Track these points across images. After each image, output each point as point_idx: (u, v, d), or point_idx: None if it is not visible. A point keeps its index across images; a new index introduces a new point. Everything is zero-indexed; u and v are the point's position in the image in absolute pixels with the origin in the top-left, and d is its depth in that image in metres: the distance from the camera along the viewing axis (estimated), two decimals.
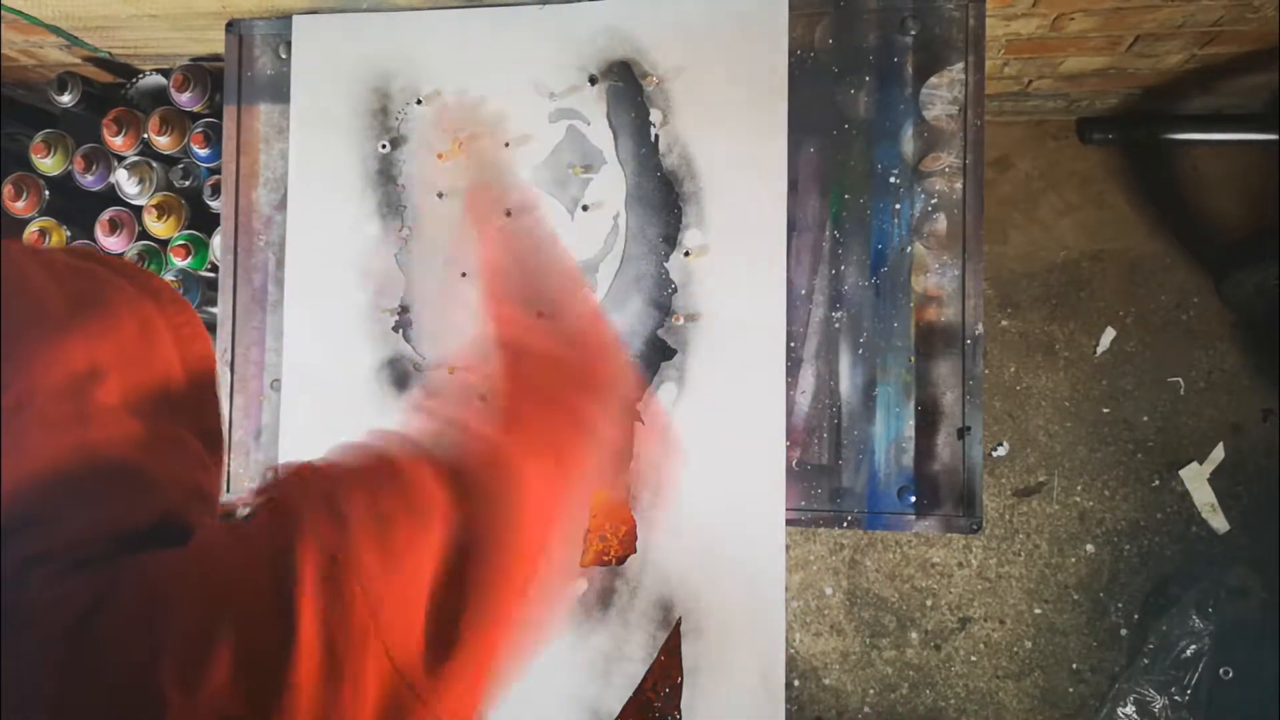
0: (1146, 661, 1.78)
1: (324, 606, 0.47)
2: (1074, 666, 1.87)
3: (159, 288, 0.54)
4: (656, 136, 1.13)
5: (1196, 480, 1.86)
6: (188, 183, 1.39)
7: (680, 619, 1.09)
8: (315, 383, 1.20)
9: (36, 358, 0.45)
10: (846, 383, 1.10)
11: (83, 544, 0.46)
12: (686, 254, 1.12)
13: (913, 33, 1.09)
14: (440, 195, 1.17)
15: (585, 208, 1.14)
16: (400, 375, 1.18)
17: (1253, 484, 1.84)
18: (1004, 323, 1.93)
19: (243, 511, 0.82)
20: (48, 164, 1.41)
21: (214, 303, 1.28)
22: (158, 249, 1.38)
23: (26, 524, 0.44)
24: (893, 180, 1.10)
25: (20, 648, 0.44)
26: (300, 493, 0.53)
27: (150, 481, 0.49)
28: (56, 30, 1.37)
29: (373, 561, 0.49)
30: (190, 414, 0.53)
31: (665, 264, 1.13)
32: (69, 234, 1.41)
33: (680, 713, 1.08)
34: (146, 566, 0.47)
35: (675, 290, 1.12)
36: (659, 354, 1.12)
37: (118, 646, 0.44)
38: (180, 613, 0.45)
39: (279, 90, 1.23)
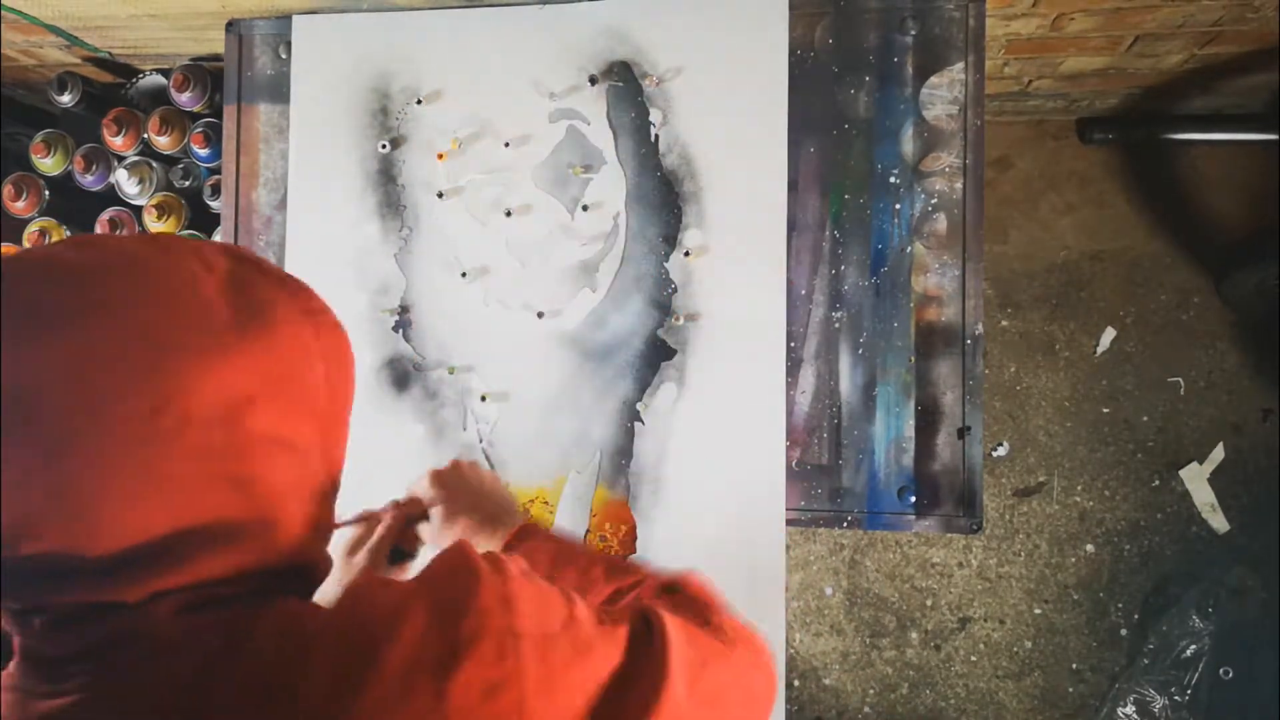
0: (1146, 661, 1.78)
1: (478, 699, 0.44)
2: (1074, 666, 1.87)
3: (318, 308, 0.51)
4: (656, 136, 1.13)
5: (1196, 480, 1.86)
6: (188, 183, 1.39)
7: None
8: None
9: (198, 378, 0.42)
10: (846, 383, 1.10)
11: (216, 582, 0.44)
12: (686, 254, 1.12)
13: (913, 33, 1.09)
14: (440, 195, 1.17)
15: (585, 208, 1.14)
16: (400, 375, 1.18)
17: (1253, 484, 1.84)
18: (1004, 323, 1.93)
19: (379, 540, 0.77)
20: (48, 164, 1.41)
21: None
22: None
23: (160, 555, 0.42)
24: (893, 180, 1.10)
25: (144, 681, 0.42)
26: (469, 570, 0.49)
27: (289, 523, 0.47)
28: (56, 30, 1.37)
29: (535, 676, 0.45)
30: (325, 441, 0.50)
31: (665, 264, 1.13)
32: (69, 234, 1.41)
33: None
34: (284, 615, 0.45)
35: (675, 290, 1.12)
36: (659, 354, 1.12)
37: (247, 701, 0.41)
38: (315, 672, 0.42)
39: (279, 90, 1.23)
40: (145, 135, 1.38)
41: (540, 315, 1.15)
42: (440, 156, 1.17)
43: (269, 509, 0.45)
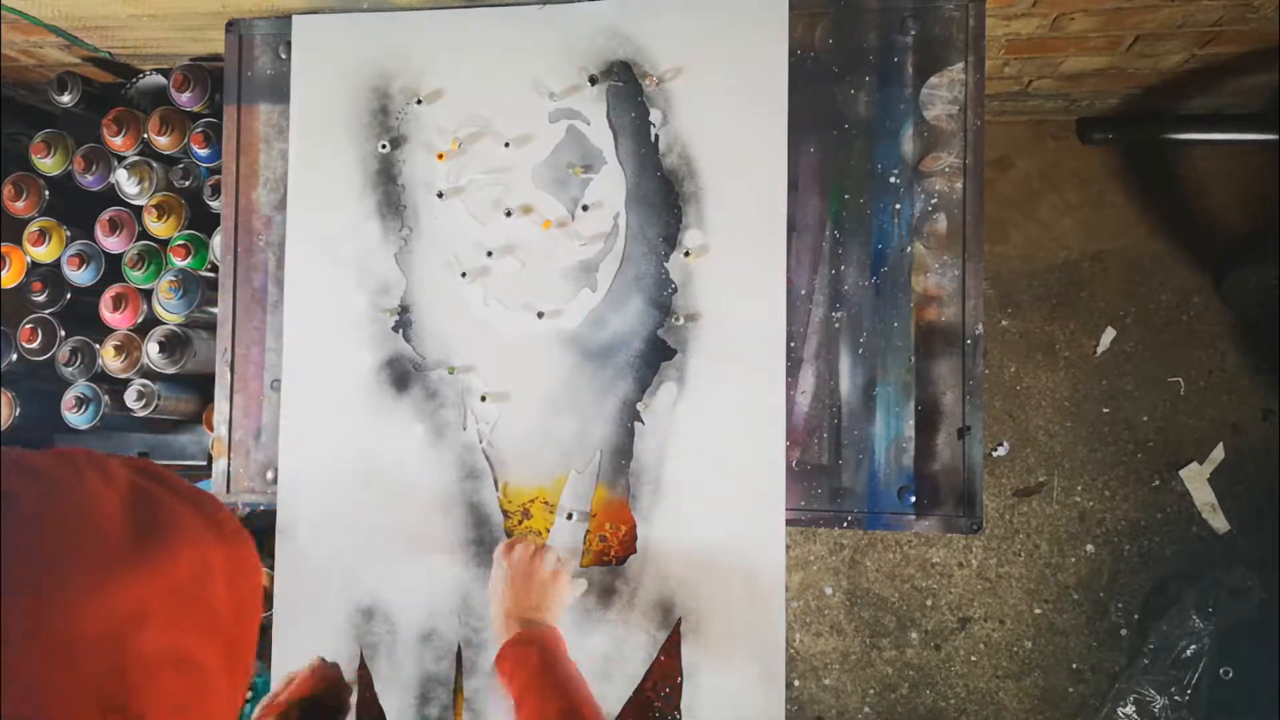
0: (1146, 661, 1.78)
1: None
2: (1074, 666, 1.87)
3: (223, 519, 0.50)
4: (656, 136, 1.13)
5: (1196, 480, 1.86)
6: (188, 183, 1.39)
7: (680, 619, 1.09)
8: (315, 383, 1.20)
9: (87, 598, 0.40)
10: (846, 383, 1.10)
11: None
12: (686, 254, 1.12)
13: (913, 33, 1.09)
14: (440, 195, 1.17)
15: (585, 208, 1.14)
16: (400, 375, 1.18)
17: (1253, 484, 1.84)
18: (1004, 323, 1.93)
19: None
20: (48, 164, 1.41)
21: (214, 303, 1.28)
22: (158, 249, 1.38)
23: None
24: (893, 180, 1.10)
25: None
26: None
27: None
28: (56, 30, 1.37)
29: None
30: (229, 659, 0.48)
31: (665, 264, 1.13)
32: (69, 234, 1.41)
33: (680, 713, 1.08)
34: None
35: (675, 290, 1.12)
36: (659, 354, 1.12)
37: None
38: None
39: (279, 90, 1.23)
40: (145, 135, 1.38)
41: (540, 315, 1.15)
42: (440, 156, 1.17)
43: None
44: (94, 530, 0.43)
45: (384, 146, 1.19)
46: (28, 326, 1.38)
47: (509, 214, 1.16)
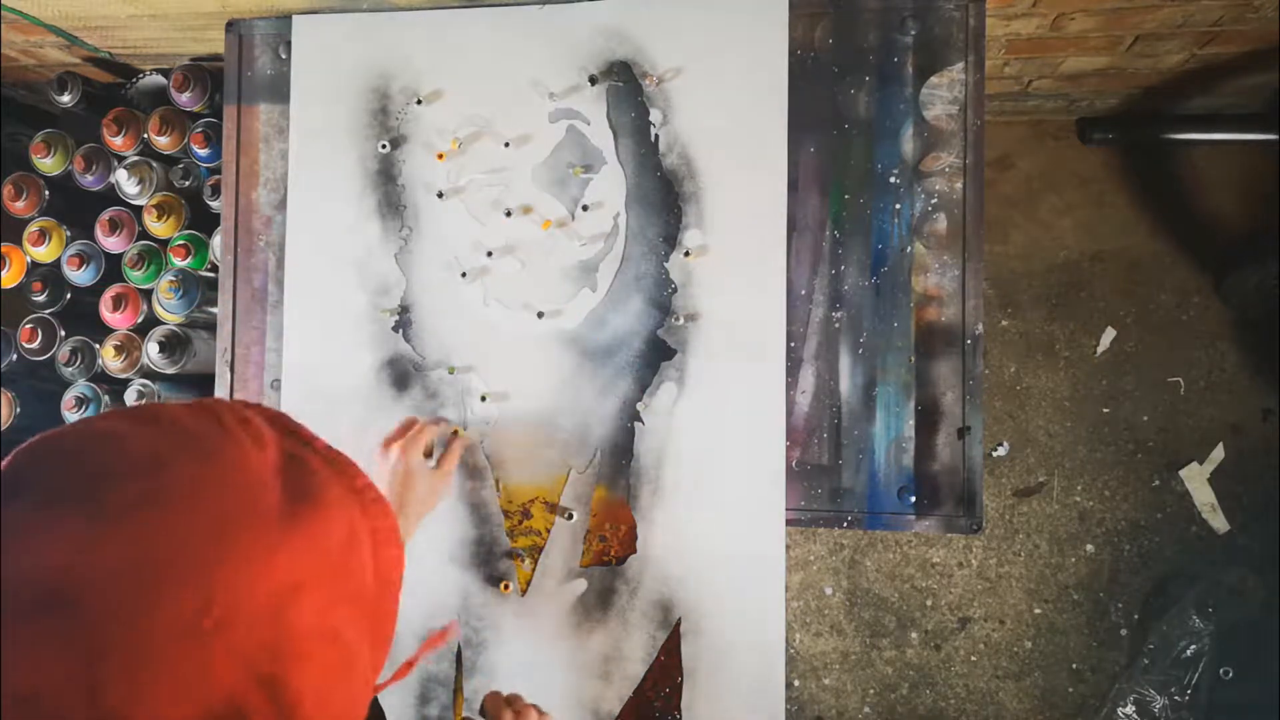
0: (1146, 661, 1.78)
1: None
2: (1074, 666, 1.87)
3: (364, 486, 0.49)
4: (656, 136, 1.13)
5: (1196, 480, 1.86)
6: (188, 183, 1.39)
7: (680, 619, 1.09)
8: (315, 383, 1.20)
9: (248, 572, 0.39)
10: (846, 383, 1.10)
11: None
12: (686, 254, 1.12)
13: (913, 33, 1.09)
14: (440, 195, 1.17)
15: (585, 208, 1.14)
16: (400, 375, 1.18)
17: (1253, 484, 1.84)
18: (1004, 323, 1.93)
19: None
20: (48, 164, 1.41)
21: (214, 303, 1.28)
22: (158, 249, 1.38)
23: None
24: (893, 180, 1.10)
25: None
26: None
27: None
28: (56, 30, 1.37)
29: None
30: (374, 631, 0.47)
31: (665, 264, 1.13)
32: (69, 234, 1.41)
33: (680, 713, 1.08)
34: None
35: (675, 290, 1.12)
36: (659, 354, 1.12)
37: None
38: None
39: (279, 90, 1.23)
40: (145, 135, 1.38)
41: (540, 315, 1.15)
42: (440, 156, 1.17)
43: (294, 713, 0.41)
44: (251, 498, 0.41)
45: (384, 146, 1.19)
46: (28, 326, 1.38)
47: (509, 214, 1.16)
